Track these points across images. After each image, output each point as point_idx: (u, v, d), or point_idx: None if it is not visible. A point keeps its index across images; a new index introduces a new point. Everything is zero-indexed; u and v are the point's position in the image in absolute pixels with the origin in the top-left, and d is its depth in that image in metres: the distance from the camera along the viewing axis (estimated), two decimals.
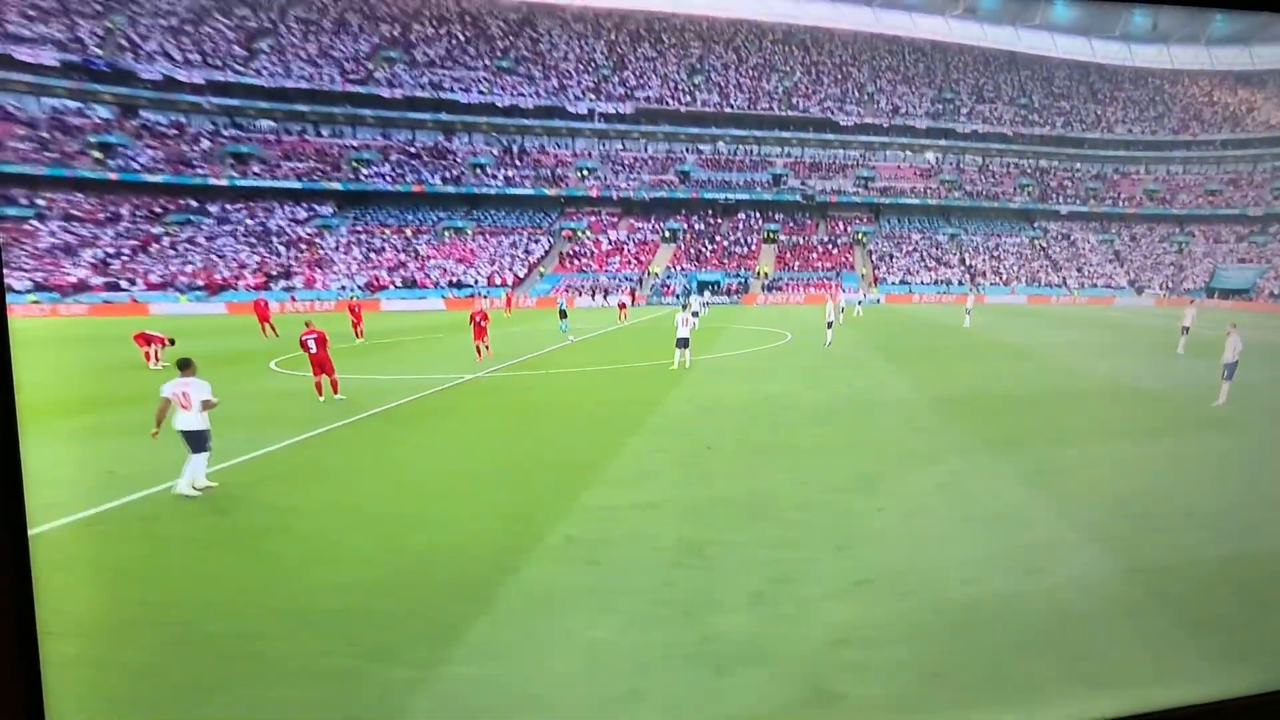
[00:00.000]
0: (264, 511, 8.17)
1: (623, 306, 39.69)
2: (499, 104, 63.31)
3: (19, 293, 41.57)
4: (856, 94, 70.23)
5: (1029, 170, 71.80)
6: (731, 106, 66.67)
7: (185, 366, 9.06)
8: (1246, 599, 6.20)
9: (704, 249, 61.33)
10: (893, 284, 59.78)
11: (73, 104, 55.89)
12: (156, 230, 50.40)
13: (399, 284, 51.12)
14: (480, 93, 63.27)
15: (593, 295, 53.15)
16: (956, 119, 70.55)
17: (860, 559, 6.90)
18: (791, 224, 65.30)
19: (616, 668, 5.16)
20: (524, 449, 10.87)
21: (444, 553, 6.98)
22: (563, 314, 31.40)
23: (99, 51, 56.78)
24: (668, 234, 62.63)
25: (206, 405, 8.93)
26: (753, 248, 62.16)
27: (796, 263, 60.98)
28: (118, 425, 12.22)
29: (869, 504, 8.36)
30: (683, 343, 19.95)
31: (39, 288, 42.31)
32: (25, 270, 43.12)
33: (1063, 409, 14.21)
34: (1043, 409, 14.11)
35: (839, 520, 7.87)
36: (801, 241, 63.46)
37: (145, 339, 20.34)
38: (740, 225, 64.27)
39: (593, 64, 67.39)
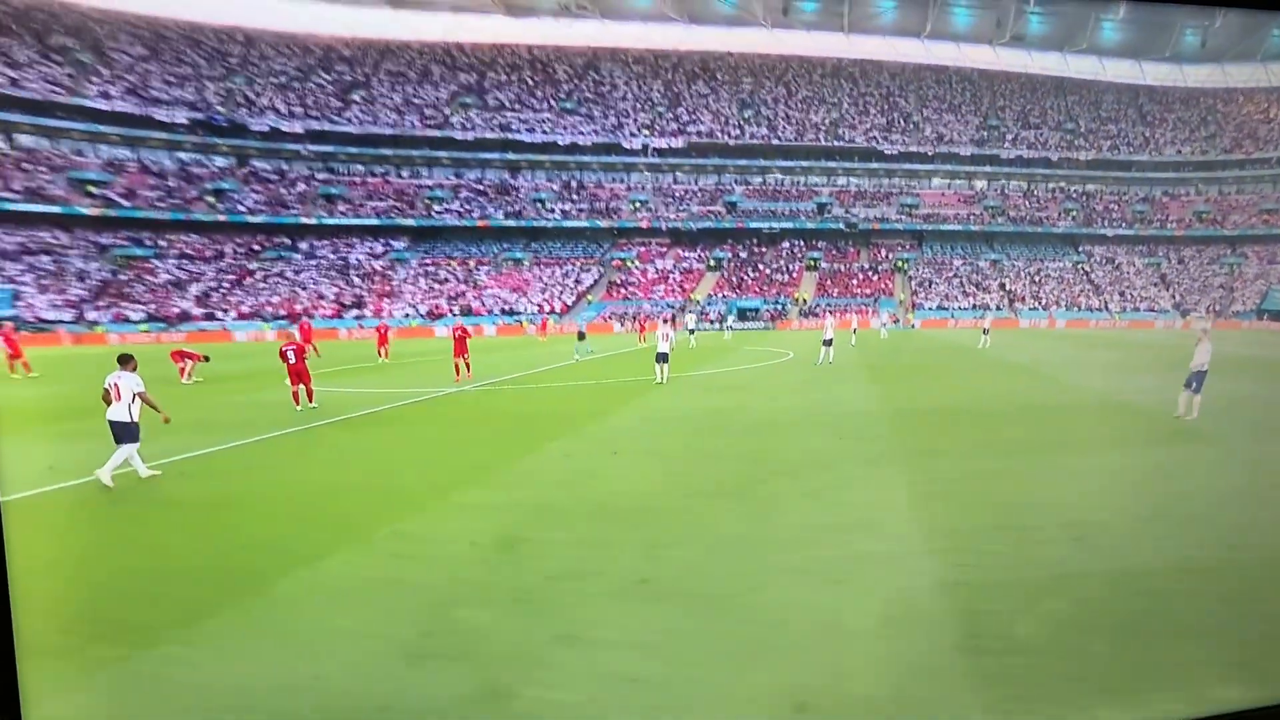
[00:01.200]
0: (153, 503, 8.73)
1: (641, 329, 42.54)
2: (560, 142, 67.82)
3: (133, 322, 48.65)
4: (902, 123, 71.17)
5: (1074, 195, 70.95)
6: (779, 139, 68.99)
7: (124, 362, 9.96)
8: (1067, 620, 5.42)
9: (746, 277, 63.91)
10: (930, 309, 60.64)
11: (195, 156, 63.79)
12: (252, 265, 57.30)
13: (457, 311, 56.04)
14: (544, 132, 67.92)
15: (632, 321, 56.57)
16: (1001, 145, 70.44)
17: (663, 559, 6.70)
18: (834, 251, 67.03)
19: (324, 655, 5.10)
20: (433, 452, 11.46)
21: (259, 544, 7.25)
22: (581, 336, 32.79)
23: (221, 109, 64.46)
24: (713, 262, 65.54)
25: (142, 398, 9.78)
26: (794, 275, 64.29)
27: (836, 290, 62.76)
28: (91, 430, 12.00)
29: (714, 507, 8.28)
30: (662, 357, 20.70)
31: (150, 318, 49.33)
32: (141, 303, 50.33)
33: (1013, 422, 13.80)
34: (991, 422, 13.78)
35: (670, 521, 7.78)
36: (843, 269, 65.15)
37: (180, 355, 22.07)
38: (783, 253, 66.51)
39: (649, 102, 71.07)
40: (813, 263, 65.82)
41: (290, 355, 16.29)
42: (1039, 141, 71.11)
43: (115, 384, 9.75)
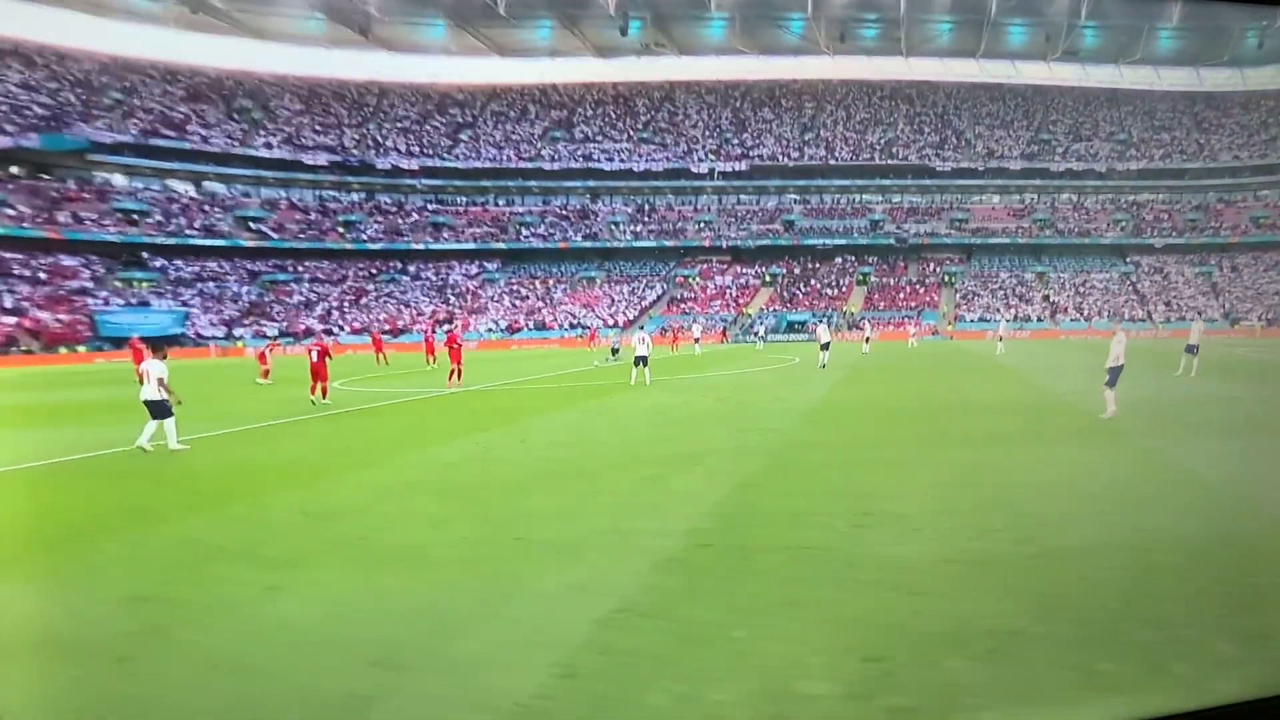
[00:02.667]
0: (164, 466, 10.72)
1: (674, 338, 46.84)
2: (635, 169, 73.94)
3: (268, 336, 59.13)
4: (955, 140, 72.41)
5: (1124, 205, 69.72)
6: (836, 159, 72.06)
7: (156, 350, 11.66)
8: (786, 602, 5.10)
9: (798, 291, 67.61)
10: (971, 321, 62.16)
11: (332, 193, 74.68)
12: (369, 287, 67.13)
13: (532, 326, 63.34)
14: (621, 160, 74.26)
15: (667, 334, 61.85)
16: (1051, 159, 70.18)
17: (456, 532, 7.09)
18: (884, 266, 69.55)
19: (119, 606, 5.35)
20: (373, 436, 13.69)
21: (219, 490, 9.08)
22: (614, 350, 36.98)
23: (354, 151, 75.09)
24: (768, 278, 69.69)
25: (160, 383, 11.41)
26: (844, 289, 67.46)
27: (883, 303, 65.34)
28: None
29: (541, 488, 8.78)
30: (640, 360, 21.76)
31: (282, 334, 59.67)
32: (276, 320, 60.83)
33: (924, 419, 14.24)
34: (902, 418, 14.43)
35: (483, 499, 8.42)
36: (892, 283, 67.66)
37: (263, 357, 27.40)
38: (836, 269, 69.62)
39: (717, 128, 75.93)
40: (863, 277, 68.71)
41: (313, 355, 18.92)
42: (1089, 154, 70.54)
43: (146, 370, 11.56)
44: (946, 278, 67.72)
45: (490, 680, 4.07)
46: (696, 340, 45.72)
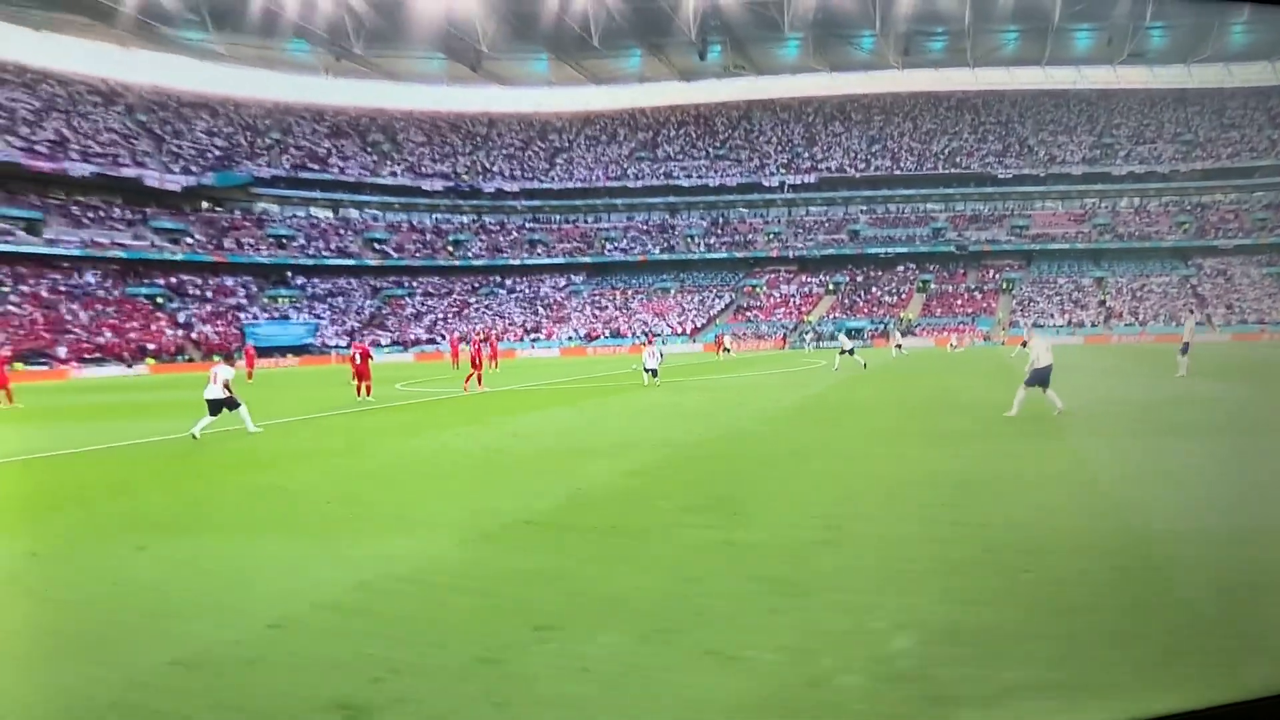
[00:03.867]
0: (221, 448, 12.88)
1: (720, 344, 50.22)
2: (710, 184, 77.81)
3: (382, 346, 67.55)
4: (1017, 148, 72.03)
5: (1188, 207, 66.85)
6: (901, 169, 73.04)
7: (227, 359, 15.36)
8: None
9: (859, 299, 69.49)
10: (1024, 327, 62.06)
11: (445, 215, 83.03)
12: (471, 300, 74.71)
13: (608, 334, 68.69)
14: (699, 177, 78.30)
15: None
16: (1113, 162, 68.18)
17: (326, 506, 8.21)
18: (944, 273, 70.40)
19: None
20: (376, 428, 15.77)
21: (261, 460, 11.69)
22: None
23: (465, 177, 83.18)
24: (831, 286, 71.94)
25: (226, 385, 13.52)
26: (903, 296, 68.92)
27: (940, 309, 66.31)
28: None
29: (485, 472, 9.99)
30: (651, 372, 23.98)
31: (394, 343, 67.96)
32: (389, 330, 69.25)
33: (912, 416, 15.17)
34: (890, 415, 15.32)
35: (393, 480, 9.68)
36: (951, 289, 68.30)
37: (353, 361, 34.84)
38: (897, 276, 70.86)
39: (789, 143, 78.51)
40: (923, 284, 69.66)
41: (356, 357, 21.95)
42: (1152, 156, 68.58)
43: (216, 371, 13.63)
44: (1005, 284, 67.75)
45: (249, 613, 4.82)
46: (727, 349, 49.13)
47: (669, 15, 71.40)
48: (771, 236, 77.05)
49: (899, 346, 45.25)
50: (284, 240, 75.38)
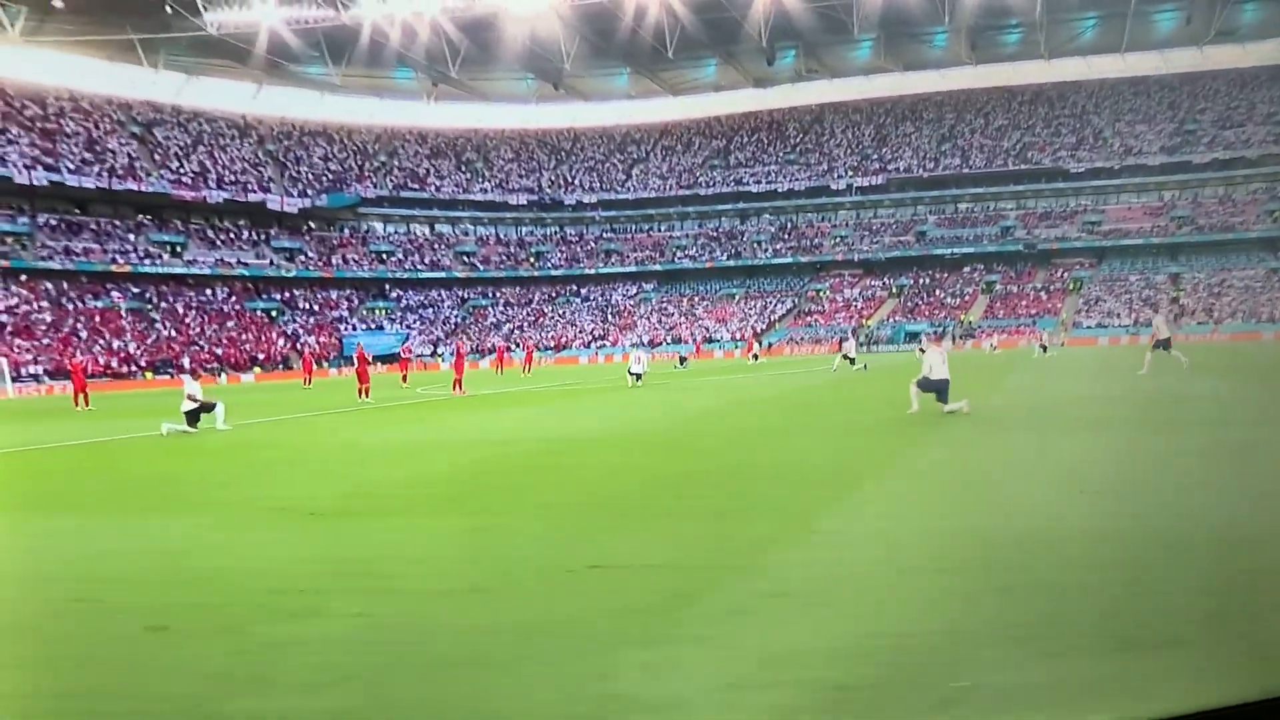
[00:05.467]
0: (176, 442, 15.77)
1: (751, 348, 54.28)
2: (779, 189, 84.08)
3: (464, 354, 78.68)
4: (1091, 140, 72.90)
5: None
6: (970, 167, 76.39)
7: (194, 374, 19.48)
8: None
9: (921, 301, 73.80)
10: (1088, 328, 64.10)
11: (528, 228, 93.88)
12: (546, 309, 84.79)
13: (670, 340, 76.74)
14: (768, 182, 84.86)
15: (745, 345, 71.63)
16: (1195, 149, 68.22)
17: (216, 491, 10.10)
18: (1011, 274, 72.68)
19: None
20: (352, 426, 18.44)
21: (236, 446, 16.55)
22: (682, 360, 46.96)
23: (548, 190, 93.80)
24: (895, 289, 76.21)
25: (191, 398, 16.51)
26: (967, 298, 72.09)
27: (1003, 311, 69.53)
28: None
29: (351, 464, 12.25)
30: (636, 377, 26.68)
31: (474, 350, 79.00)
32: (470, 338, 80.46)
33: (849, 409, 17.83)
34: (831, 410, 18.12)
35: (315, 468, 12.00)
36: (1016, 290, 71.04)
37: (403, 365, 41.27)
38: (963, 278, 74.28)
39: (858, 145, 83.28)
40: (988, 285, 72.85)
41: (354, 360, 26.30)
42: (1240, 140, 67.19)
43: (187, 390, 16.96)
44: (1073, 284, 69.67)
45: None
46: (756, 355, 54.23)
47: (739, 23, 78.44)
48: (838, 240, 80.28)
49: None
50: (384, 255, 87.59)
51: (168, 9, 67.72)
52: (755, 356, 50.97)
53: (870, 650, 3.95)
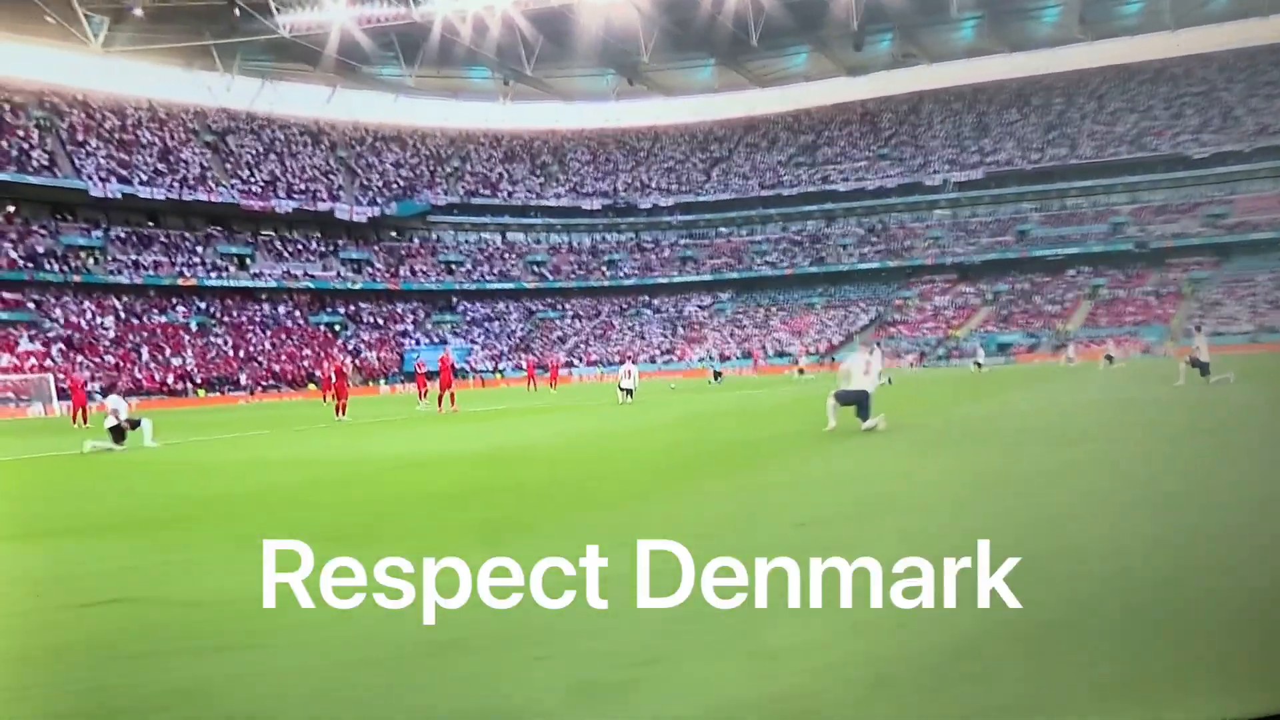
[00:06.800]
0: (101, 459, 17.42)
1: (796, 363, 58.86)
2: (868, 188, 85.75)
3: (521, 369, 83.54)
4: (1219, 120, 71.40)
5: None
6: (1079, 157, 76.20)
7: (113, 389, 23.74)
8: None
9: (1017, 309, 74.05)
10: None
11: (601, 234, 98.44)
12: (615, 321, 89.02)
13: (739, 355, 79.46)
14: (856, 180, 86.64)
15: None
16: None
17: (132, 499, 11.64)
18: (1120, 276, 72.12)
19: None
20: (302, 445, 19.56)
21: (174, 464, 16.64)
22: (717, 375, 51.20)
23: (623, 195, 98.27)
24: (990, 296, 76.68)
25: (116, 415, 17.85)
26: (1067, 305, 72.17)
27: (1106, 318, 69.29)
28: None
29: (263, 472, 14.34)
30: (627, 392, 28.90)
31: (538, 366, 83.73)
32: (534, 353, 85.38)
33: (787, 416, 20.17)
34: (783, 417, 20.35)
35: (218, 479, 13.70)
36: (1124, 295, 70.55)
37: (422, 380, 39.68)
38: (1065, 282, 74.11)
39: (957, 137, 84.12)
40: (1093, 290, 72.46)
41: (333, 375, 28.77)
42: None
43: (105, 403, 18.82)
44: (1189, 285, 68.81)
45: None
46: (801, 370, 56.91)
47: (826, 6, 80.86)
48: (931, 242, 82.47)
49: (979, 365, 51.67)
50: (453, 266, 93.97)
51: (236, 11, 74.71)
52: (801, 371, 53.78)
53: None
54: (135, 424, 18.66)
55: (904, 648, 4.16)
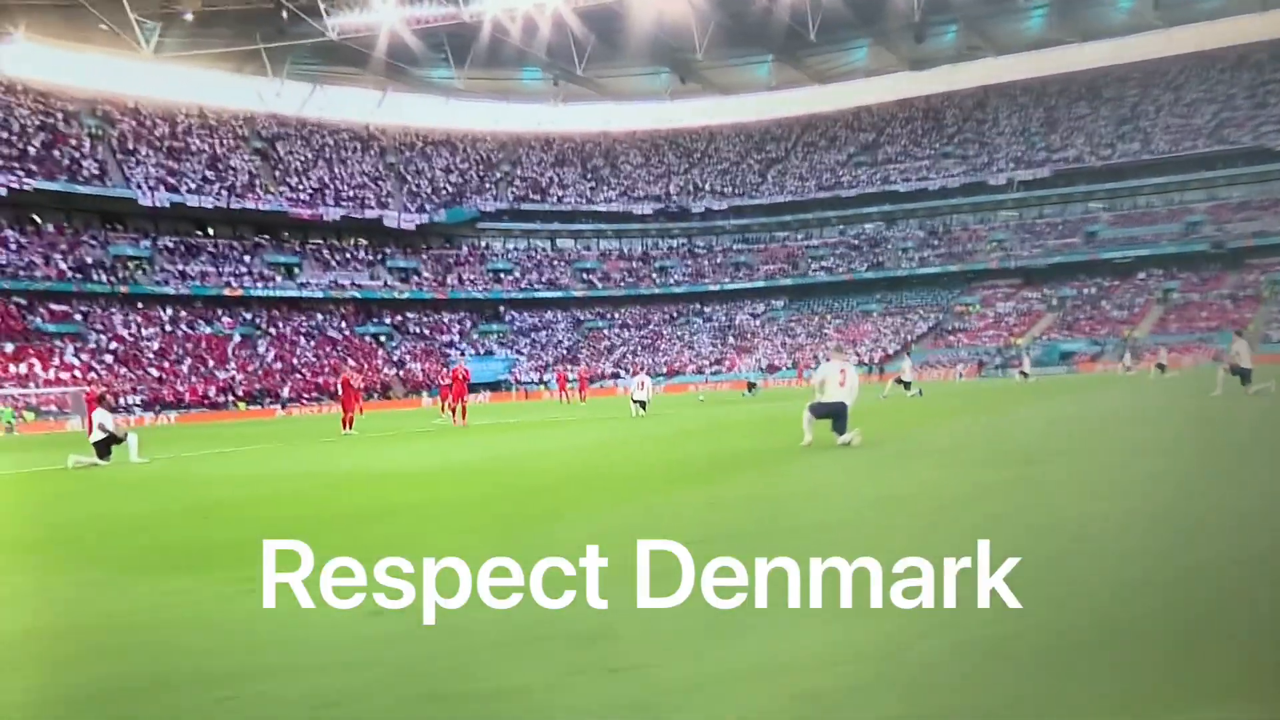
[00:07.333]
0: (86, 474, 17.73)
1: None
2: (930, 188, 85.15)
3: (571, 380, 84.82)
4: None
5: None
6: (1152, 152, 74.69)
7: (102, 401, 19.71)
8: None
9: (1083, 315, 72.89)
10: (1276, 343, 61.73)
11: (653, 240, 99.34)
12: (665, 330, 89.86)
13: (789, 365, 79.52)
14: (918, 179, 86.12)
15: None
16: None
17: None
18: (1194, 279, 70.51)
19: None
20: (299, 459, 20.22)
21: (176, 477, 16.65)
22: (750, 386, 53.26)
23: (675, 198, 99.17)
24: (1055, 301, 75.63)
25: (102, 428, 18.39)
26: (1137, 311, 70.87)
27: (1177, 324, 67.84)
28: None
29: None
30: (639, 404, 29.43)
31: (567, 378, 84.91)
32: (575, 365, 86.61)
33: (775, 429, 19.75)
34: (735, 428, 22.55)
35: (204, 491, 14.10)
36: (1197, 299, 69.01)
37: (445, 393, 48.07)
38: (1134, 285, 72.70)
39: (1024, 132, 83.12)
40: (1164, 294, 70.97)
41: (339, 389, 28.99)
42: None
43: (93, 417, 19.35)
44: (1269, 289, 67.05)
45: None
46: (751, 386, 55.79)
47: None
48: (995, 245, 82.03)
49: (1025, 375, 51.41)
50: (501, 274, 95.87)
51: (284, 14, 77.45)
52: (752, 386, 54.71)
53: None
54: (120, 439, 18.96)
55: (904, 648, 4.37)
